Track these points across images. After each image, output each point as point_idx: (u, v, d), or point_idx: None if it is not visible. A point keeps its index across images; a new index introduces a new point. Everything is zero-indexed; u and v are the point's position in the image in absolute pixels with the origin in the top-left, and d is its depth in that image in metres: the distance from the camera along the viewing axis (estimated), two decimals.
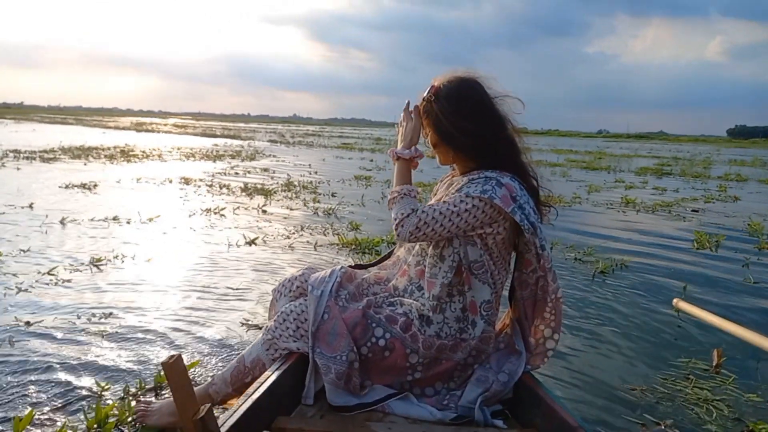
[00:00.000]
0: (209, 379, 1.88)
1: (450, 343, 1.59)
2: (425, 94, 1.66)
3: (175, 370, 1.15)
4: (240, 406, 1.36)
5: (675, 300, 2.15)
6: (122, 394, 2.02)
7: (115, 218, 5.23)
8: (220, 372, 1.76)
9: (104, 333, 2.58)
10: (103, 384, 2.07)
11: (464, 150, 1.64)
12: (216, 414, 1.24)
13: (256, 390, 1.43)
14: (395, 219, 1.55)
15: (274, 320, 1.69)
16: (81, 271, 3.54)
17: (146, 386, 2.08)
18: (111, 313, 2.83)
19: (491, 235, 1.56)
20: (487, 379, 1.59)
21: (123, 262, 3.79)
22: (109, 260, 3.78)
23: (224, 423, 1.28)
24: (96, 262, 3.71)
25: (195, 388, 1.42)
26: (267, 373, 1.54)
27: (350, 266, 1.88)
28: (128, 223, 5.10)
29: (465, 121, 1.58)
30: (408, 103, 1.72)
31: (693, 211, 7.65)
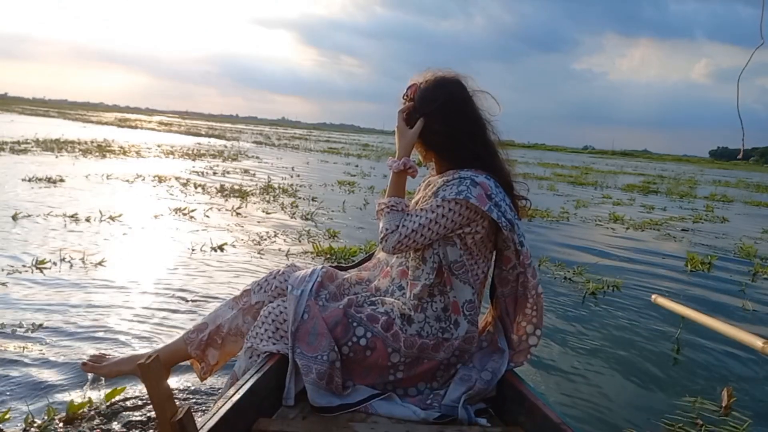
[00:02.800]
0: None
1: (432, 343, 1.57)
2: (404, 92, 1.66)
3: (151, 370, 1.11)
4: (220, 408, 1.30)
5: (653, 296, 1.98)
6: (24, 426, 1.68)
7: (73, 216, 4.85)
8: (219, 395, 1.71)
9: (25, 348, 2.23)
10: (2, 412, 1.72)
11: (437, 149, 1.65)
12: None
13: (236, 392, 1.38)
14: (381, 233, 1.57)
15: (254, 325, 1.66)
16: (21, 273, 3.17)
17: (57, 415, 1.75)
18: (41, 324, 2.48)
19: (470, 234, 1.55)
20: (470, 378, 1.57)
21: (70, 264, 3.42)
22: (55, 262, 3.41)
23: (203, 425, 1.22)
24: (39, 264, 3.34)
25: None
26: (246, 375, 1.49)
27: (331, 266, 1.85)
28: (87, 221, 4.72)
29: (436, 122, 1.59)
30: (405, 110, 1.65)
31: (683, 230, 7.46)
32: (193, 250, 4.09)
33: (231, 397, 1.36)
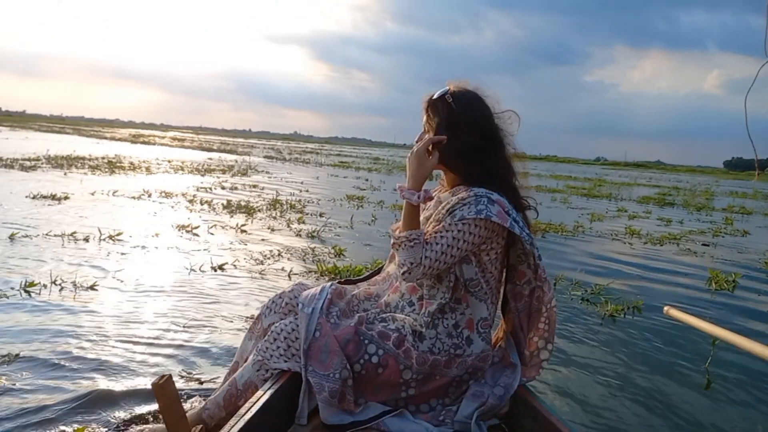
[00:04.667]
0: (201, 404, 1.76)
1: (444, 359, 1.56)
2: (439, 93, 1.61)
3: (165, 391, 1.13)
4: (232, 427, 1.29)
5: (666, 308, 1.89)
6: None
7: (73, 234, 4.73)
8: (212, 396, 1.70)
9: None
10: None
11: (456, 163, 1.62)
12: None
13: (248, 411, 1.38)
14: (402, 266, 1.52)
15: (264, 340, 1.64)
16: (7, 298, 3.03)
17: None
18: (18, 354, 2.31)
19: (485, 251, 1.55)
20: (482, 394, 1.56)
21: (61, 287, 3.27)
22: (45, 285, 3.26)
23: None
24: (28, 287, 3.20)
25: (188, 413, 1.41)
26: (259, 393, 1.49)
27: (340, 282, 1.85)
28: (86, 240, 4.59)
29: (465, 133, 1.58)
30: (435, 140, 1.57)
31: (703, 245, 7.18)
32: (192, 270, 3.94)
33: (243, 415, 1.35)
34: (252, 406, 1.40)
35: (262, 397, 1.45)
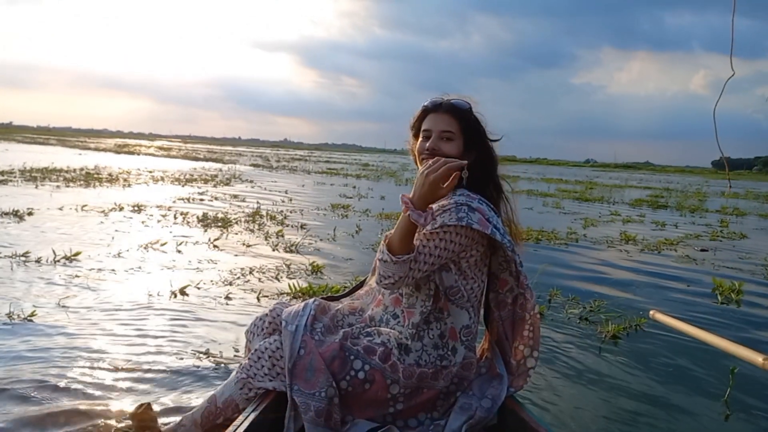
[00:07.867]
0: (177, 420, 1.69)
1: (431, 371, 1.54)
2: (462, 104, 1.63)
3: (144, 419, 1.23)
4: None
5: (651, 312, 1.84)
6: None
7: (25, 255, 4.33)
8: (189, 413, 1.66)
9: None
10: None
11: (480, 177, 1.63)
12: None
13: None
14: (388, 278, 1.48)
15: (249, 358, 1.62)
16: None
17: None
18: None
19: (464, 258, 1.54)
20: (470, 406, 1.54)
21: None
22: None
23: None
24: None
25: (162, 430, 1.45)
26: (244, 414, 1.45)
27: (323, 298, 1.82)
28: (38, 262, 4.19)
29: (491, 151, 1.66)
30: (457, 167, 1.45)
31: (702, 250, 6.89)
32: (150, 294, 3.55)
33: None
34: (237, 429, 1.36)
35: (247, 418, 1.42)
